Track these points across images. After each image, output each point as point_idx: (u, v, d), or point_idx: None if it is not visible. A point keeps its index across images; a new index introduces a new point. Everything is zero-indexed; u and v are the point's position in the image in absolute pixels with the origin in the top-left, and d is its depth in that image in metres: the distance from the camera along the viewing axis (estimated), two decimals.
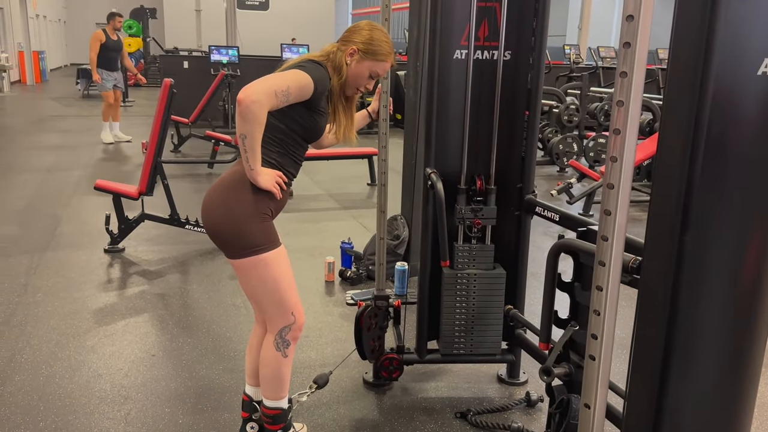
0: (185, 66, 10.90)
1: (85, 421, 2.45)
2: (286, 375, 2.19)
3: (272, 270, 2.04)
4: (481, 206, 2.56)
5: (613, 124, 1.24)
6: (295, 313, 2.12)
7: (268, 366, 2.16)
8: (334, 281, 3.99)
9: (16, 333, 3.15)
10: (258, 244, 2.00)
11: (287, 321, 2.11)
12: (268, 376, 2.18)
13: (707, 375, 1.44)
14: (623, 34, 1.21)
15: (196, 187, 6.54)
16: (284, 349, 2.14)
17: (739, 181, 1.33)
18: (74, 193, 5.96)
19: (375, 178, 6.76)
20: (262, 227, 2.01)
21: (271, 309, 2.10)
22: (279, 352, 2.13)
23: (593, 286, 1.34)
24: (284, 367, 2.16)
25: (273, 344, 2.13)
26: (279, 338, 2.12)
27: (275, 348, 2.13)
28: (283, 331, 2.11)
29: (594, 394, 1.38)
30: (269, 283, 2.05)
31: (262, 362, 2.18)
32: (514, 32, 2.51)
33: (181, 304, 3.59)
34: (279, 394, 2.21)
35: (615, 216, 1.27)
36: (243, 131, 1.87)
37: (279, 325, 2.11)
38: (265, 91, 1.85)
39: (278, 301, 2.08)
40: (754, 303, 1.43)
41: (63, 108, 12.84)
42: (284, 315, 2.10)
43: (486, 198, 2.57)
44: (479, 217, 2.56)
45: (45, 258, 4.22)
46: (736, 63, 1.26)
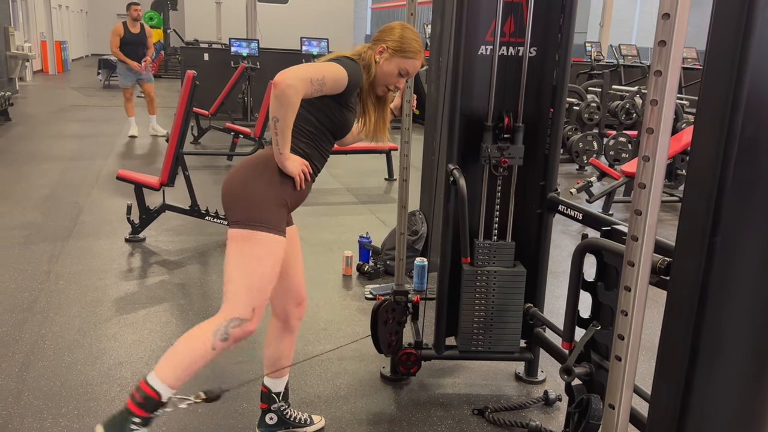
0: (206, 58, 10.94)
1: (106, 408, 2.48)
2: (196, 368, 1.89)
3: (261, 252, 1.92)
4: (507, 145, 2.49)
5: (646, 123, 1.22)
6: (255, 311, 1.91)
7: (188, 347, 1.89)
8: (352, 275, 4.00)
9: (39, 319, 3.19)
10: (263, 220, 1.92)
11: (243, 313, 1.89)
12: (178, 355, 1.89)
13: (733, 378, 1.42)
14: (658, 32, 1.19)
15: (216, 178, 6.58)
16: (219, 341, 1.87)
17: None
18: (96, 183, 6.02)
19: (393, 173, 6.76)
20: (274, 209, 1.96)
21: (238, 292, 1.90)
22: (210, 342, 1.86)
23: (621, 286, 1.33)
24: (202, 359, 1.88)
25: (213, 329, 1.87)
26: (223, 328, 1.87)
27: (212, 334, 1.87)
28: (232, 322, 1.88)
29: (619, 394, 1.37)
30: (251, 264, 1.92)
31: (186, 337, 1.91)
32: (541, 28, 2.49)
33: (201, 294, 3.61)
34: (172, 381, 1.86)
35: (646, 216, 1.25)
36: (276, 114, 1.87)
37: (233, 312, 1.89)
38: (302, 77, 1.85)
39: (249, 286, 1.91)
40: None
41: (84, 98, 12.97)
42: (245, 305, 1.89)
43: (513, 137, 2.51)
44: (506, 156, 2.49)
45: (67, 246, 4.27)
46: None
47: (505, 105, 2.53)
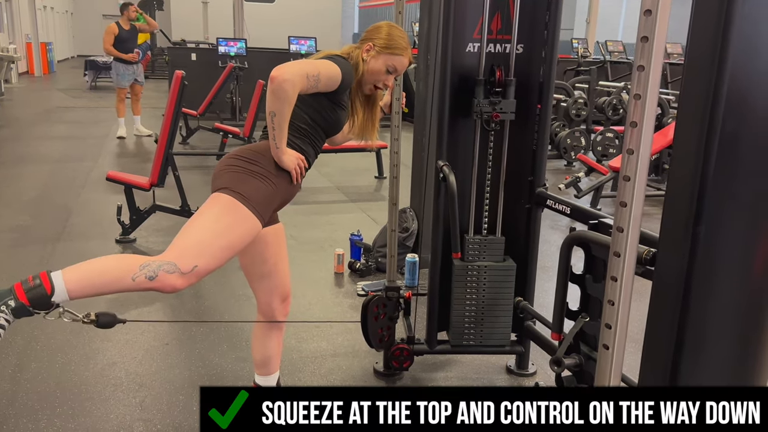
0: (193, 58, 10.91)
1: (101, 408, 2.49)
2: (103, 288, 1.74)
3: (235, 223, 1.84)
4: (499, 99, 2.48)
5: (630, 117, 1.26)
6: (195, 272, 1.75)
7: (109, 263, 1.76)
8: (344, 273, 4.02)
9: (31, 321, 3.17)
10: (251, 198, 1.87)
11: (184, 264, 1.73)
12: (95, 266, 1.74)
13: (718, 364, 1.46)
14: (641, 29, 1.22)
15: (205, 179, 6.57)
16: (144, 277, 1.70)
17: (751, 175, 1.35)
18: (85, 184, 6.01)
19: (383, 171, 6.78)
20: (264, 195, 1.92)
21: (190, 243, 1.78)
22: (134, 271, 1.70)
23: (608, 276, 1.37)
24: (115, 283, 1.72)
25: (142, 261, 1.72)
26: (155, 266, 1.71)
27: (139, 267, 1.70)
28: (167, 265, 1.72)
29: (607, 383, 1.41)
30: (218, 227, 1.82)
31: (115, 257, 1.82)
32: (527, 25, 2.53)
33: (193, 294, 3.62)
34: (73, 285, 1.69)
35: (631, 207, 1.29)
36: (273, 108, 1.88)
37: (174, 258, 1.74)
38: (299, 73, 1.87)
39: (204, 244, 1.79)
40: (764, 294, 1.45)
41: (71, 99, 12.89)
42: (191, 258, 1.75)
43: (505, 91, 2.51)
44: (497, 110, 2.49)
45: (57, 248, 4.26)
46: (751, 59, 1.28)
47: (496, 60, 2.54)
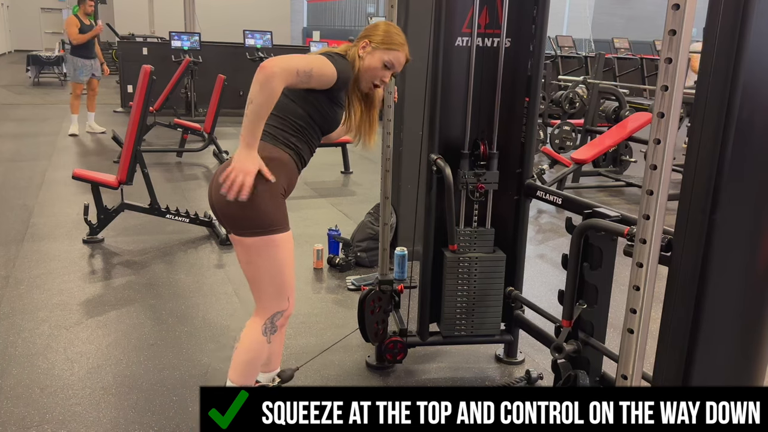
0: (144, 53, 10.60)
1: (93, 411, 2.42)
2: (260, 362, 2.15)
3: (282, 252, 2.01)
4: (483, 171, 2.62)
5: (657, 107, 1.31)
6: (290, 299, 2.09)
7: (250, 351, 2.10)
8: (323, 268, 4.01)
9: (6, 325, 3.07)
10: (273, 223, 1.96)
11: (282, 306, 2.07)
12: (247, 361, 2.11)
13: (731, 343, 1.54)
14: (669, 22, 1.27)
15: (167, 176, 6.44)
16: (270, 335, 2.08)
17: (765, 164, 1.42)
18: (42, 183, 5.78)
19: (349, 166, 6.76)
20: (277, 205, 1.97)
21: (271, 292, 2.06)
22: (265, 338, 2.07)
23: (633, 263, 1.41)
24: (263, 354, 2.12)
25: (261, 328, 2.06)
26: (269, 323, 2.07)
27: (262, 332, 2.07)
28: (275, 317, 2.07)
29: (632, 365, 1.46)
30: (276, 266, 2.01)
31: (244, 346, 2.10)
32: (515, 20, 2.57)
33: (172, 294, 3.55)
34: (249, 380, 2.13)
35: (657, 195, 1.34)
36: (253, 96, 1.81)
37: (273, 309, 2.06)
38: (288, 68, 1.84)
39: (280, 284, 2.05)
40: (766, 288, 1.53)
41: (15, 96, 12.35)
42: (281, 300, 2.07)
43: (489, 163, 2.62)
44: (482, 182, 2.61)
45: (23, 250, 4.10)
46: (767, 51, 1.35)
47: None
